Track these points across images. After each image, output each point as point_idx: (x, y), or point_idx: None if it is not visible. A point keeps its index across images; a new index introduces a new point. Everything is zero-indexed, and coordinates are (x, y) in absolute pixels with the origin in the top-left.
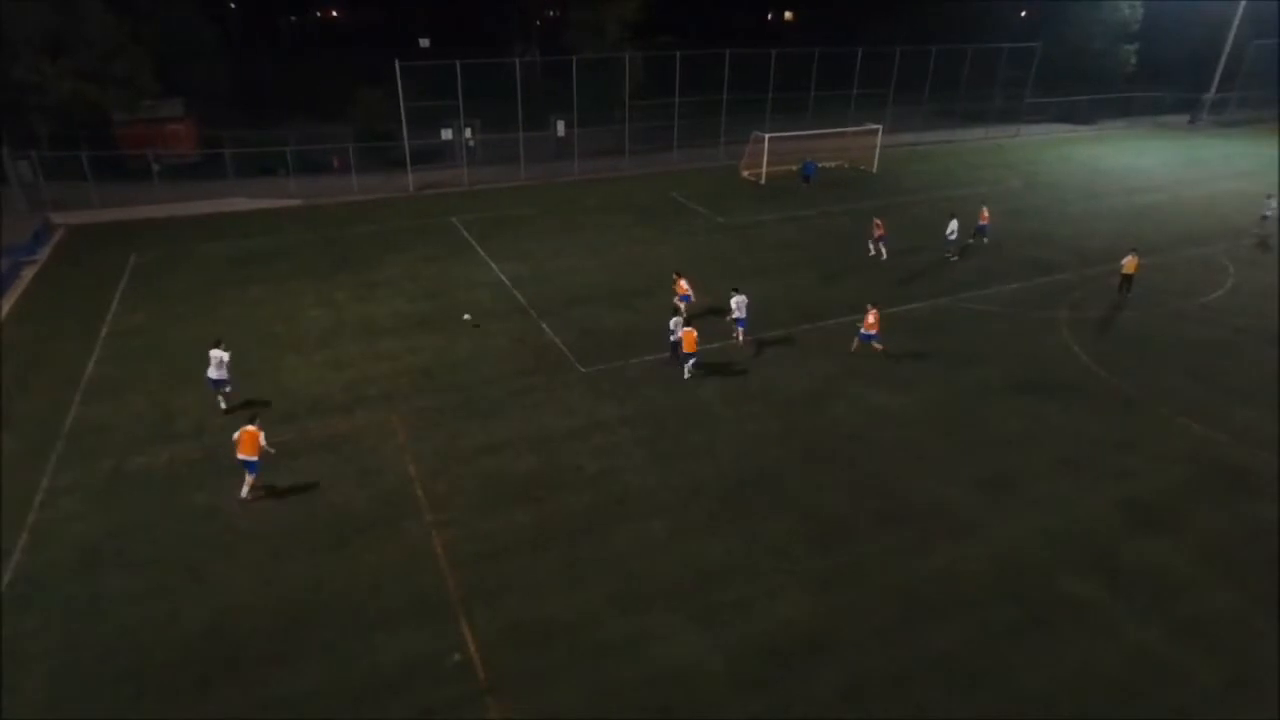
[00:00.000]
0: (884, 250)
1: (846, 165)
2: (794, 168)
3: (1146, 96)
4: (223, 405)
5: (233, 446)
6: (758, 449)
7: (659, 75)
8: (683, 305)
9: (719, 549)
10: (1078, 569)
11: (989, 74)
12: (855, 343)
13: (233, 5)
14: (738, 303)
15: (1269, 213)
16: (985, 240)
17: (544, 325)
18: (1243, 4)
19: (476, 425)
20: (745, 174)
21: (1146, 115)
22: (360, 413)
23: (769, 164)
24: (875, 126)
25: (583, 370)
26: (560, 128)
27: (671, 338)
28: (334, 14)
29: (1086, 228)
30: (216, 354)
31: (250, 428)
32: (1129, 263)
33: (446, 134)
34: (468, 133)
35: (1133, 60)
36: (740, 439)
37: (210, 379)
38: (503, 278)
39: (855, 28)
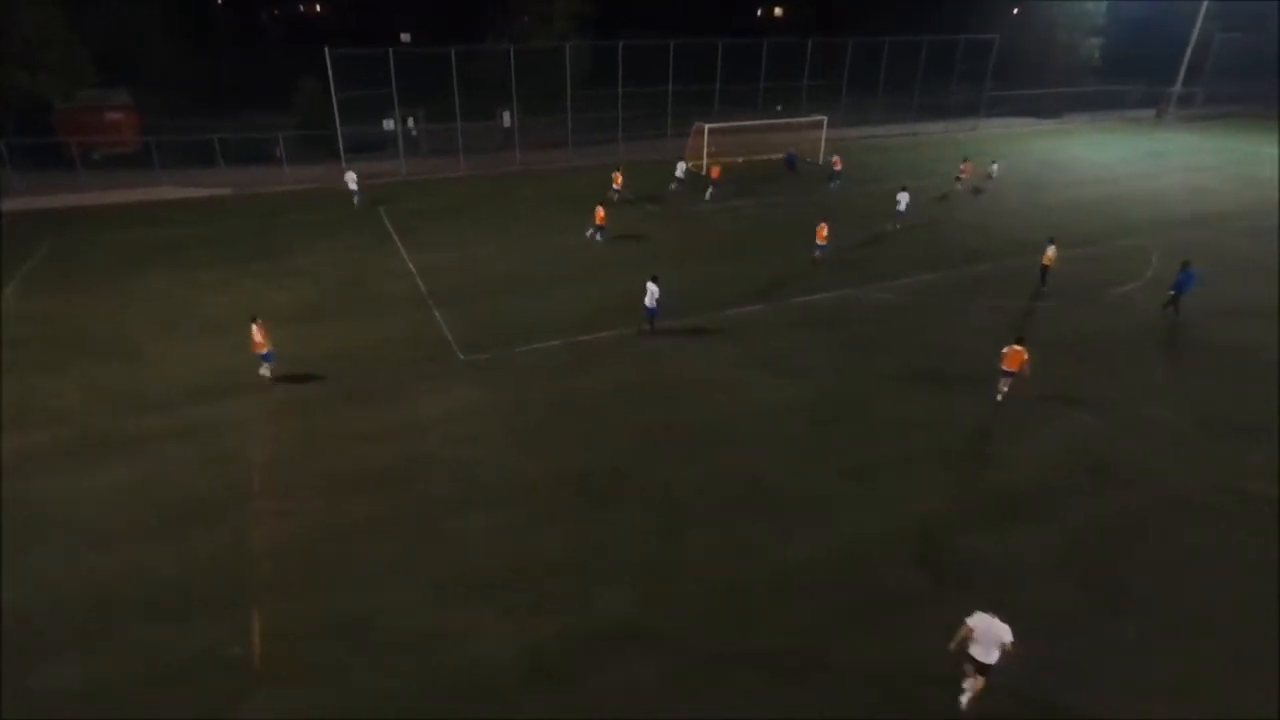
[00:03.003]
0: (712, 193)
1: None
2: (738, 160)
3: (1113, 90)
4: None
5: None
6: (633, 437)
7: (611, 66)
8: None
9: (561, 539)
10: (923, 561)
11: (948, 67)
12: (817, 254)
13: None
14: (653, 290)
15: (993, 174)
16: (834, 185)
17: (438, 315)
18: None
19: (344, 414)
20: (689, 165)
21: (1114, 109)
22: (231, 400)
23: (716, 156)
24: (820, 118)
25: (463, 358)
26: (506, 118)
27: (647, 300)
28: (317, 9)
29: (1024, 219)
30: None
31: (255, 326)
32: (1048, 254)
33: (388, 124)
34: (410, 123)
35: (1096, 54)
36: (617, 428)
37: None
38: (412, 268)
39: (807, 18)
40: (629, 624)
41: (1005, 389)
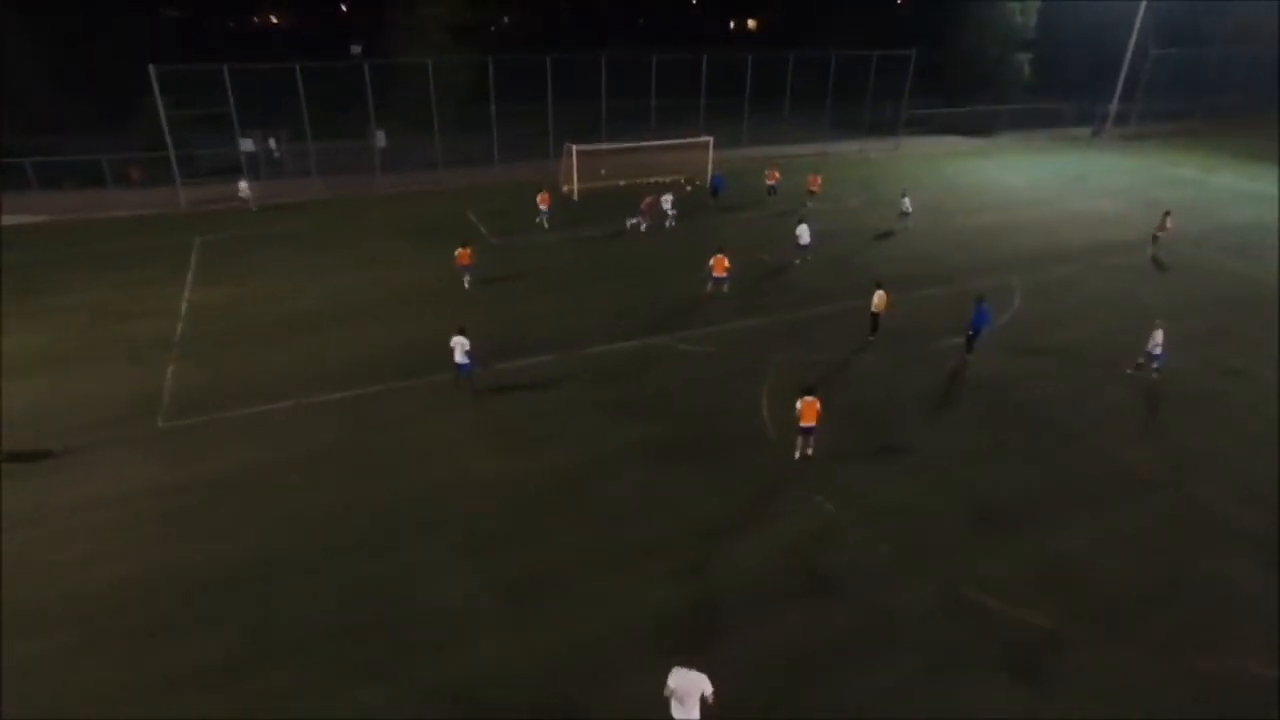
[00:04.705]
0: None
1: (684, 181)
2: (621, 183)
3: (1048, 107)
4: None
5: None
6: (291, 531)
7: (502, 82)
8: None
9: (100, 680)
10: (541, 715)
11: (866, 82)
12: (710, 286)
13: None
14: (457, 343)
15: (906, 209)
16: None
17: (172, 367)
18: (1141, 11)
19: None
20: (565, 189)
21: (1048, 127)
22: None
23: (597, 179)
24: (706, 138)
25: (162, 425)
26: (381, 137)
27: (457, 356)
28: (272, 19)
29: (897, 252)
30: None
31: None
32: (878, 299)
33: (246, 145)
34: (272, 143)
35: (1027, 68)
36: (279, 519)
37: None
38: (184, 307)
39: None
40: None
41: (809, 450)
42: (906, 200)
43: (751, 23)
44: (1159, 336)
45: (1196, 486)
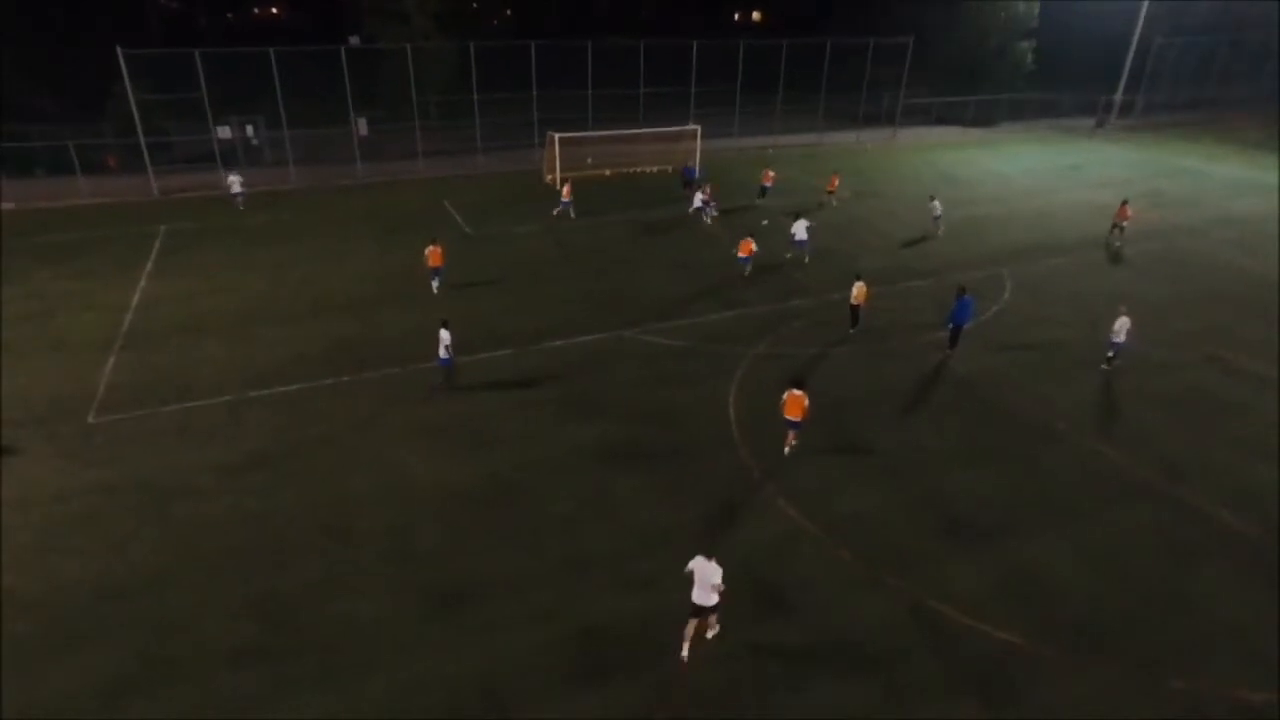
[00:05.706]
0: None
1: (671, 171)
2: (607, 172)
3: (1051, 98)
4: None
5: None
6: (199, 537)
7: (483, 70)
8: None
9: None
10: None
11: (861, 71)
12: (748, 269)
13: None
14: (444, 338)
15: (937, 214)
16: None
17: (113, 360)
18: (1146, 0)
19: None
20: (549, 179)
21: (1051, 117)
22: None
23: (584, 169)
24: (693, 127)
25: (93, 420)
26: (363, 125)
27: (440, 351)
28: (273, 11)
29: (882, 244)
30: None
31: None
32: (857, 291)
33: (223, 132)
34: (250, 130)
35: (1029, 58)
36: (197, 523)
37: None
38: (135, 300)
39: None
40: None
41: (786, 447)
42: (936, 204)
43: (756, 15)
44: (1123, 323)
45: (1185, 492)
